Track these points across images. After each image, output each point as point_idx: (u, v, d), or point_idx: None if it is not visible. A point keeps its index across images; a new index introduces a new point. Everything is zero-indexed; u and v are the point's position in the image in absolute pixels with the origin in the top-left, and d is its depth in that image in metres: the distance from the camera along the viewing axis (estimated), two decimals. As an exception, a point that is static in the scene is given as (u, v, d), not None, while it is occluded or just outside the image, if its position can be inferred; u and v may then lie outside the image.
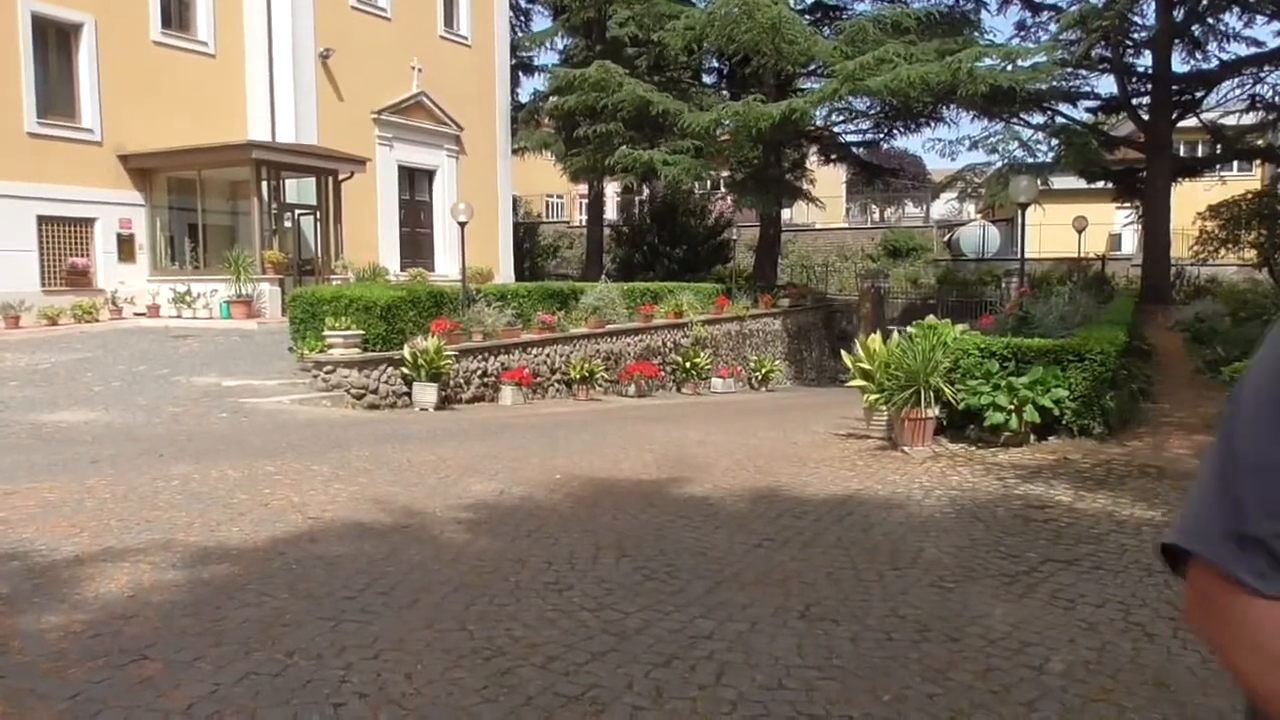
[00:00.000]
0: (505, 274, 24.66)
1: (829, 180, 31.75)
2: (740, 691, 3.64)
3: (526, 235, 32.78)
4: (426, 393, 12.63)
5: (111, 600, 4.54)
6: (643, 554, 5.45)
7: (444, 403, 12.99)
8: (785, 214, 29.21)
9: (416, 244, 23.27)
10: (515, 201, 31.81)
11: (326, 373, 12.47)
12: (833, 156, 27.15)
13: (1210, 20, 20.25)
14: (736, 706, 3.52)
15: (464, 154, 24.22)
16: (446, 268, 22.19)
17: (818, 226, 34.18)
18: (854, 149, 26.76)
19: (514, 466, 8.06)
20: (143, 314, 18.00)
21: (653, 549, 5.56)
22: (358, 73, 20.95)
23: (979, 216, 35.22)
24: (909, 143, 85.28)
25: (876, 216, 38.86)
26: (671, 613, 4.51)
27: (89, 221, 18.00)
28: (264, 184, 19.02)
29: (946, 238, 34.37)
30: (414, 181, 23.40)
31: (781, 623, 4.39)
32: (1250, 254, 22.11)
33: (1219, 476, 1.12)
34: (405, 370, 12.79)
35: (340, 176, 20.31)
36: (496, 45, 25.36)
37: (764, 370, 19.72)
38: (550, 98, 26.39)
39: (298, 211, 20.68)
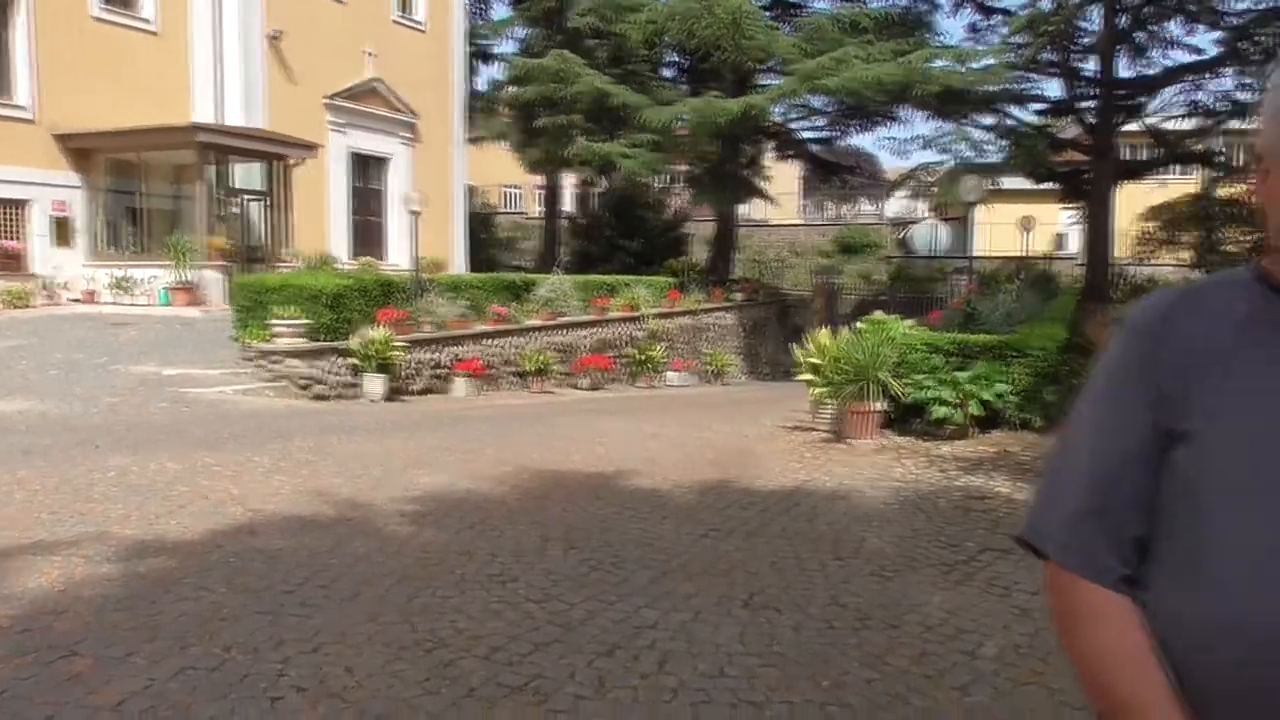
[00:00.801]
0: (459, 265, 24.46)
1: (784, 177, 31.93)
2: (682, 679, 3.66)
3: (482, 226, 32.51)
4: (375, 384, 12.49)
5: (41, 595, 4.43)
6: (590, 545, 5.45)
7: (393, 394, 12.86)
8: (741, 210, 29.33)
9: (368, 233, 22.98)
10: (471, 191, 31.55)
11: (272, 362, 12.28)
12: (789, 153, 27.31)
13: (1153, 27, 20.65)
14: (678, 694, 3.54)
15: (419, 142, 23.96)
16: (398, 257, 21.95)
17: (773, 222, 34.36)
18: (810, 146, 26.94)
19: (463, 459, 8.01)
20: (80, 300, 17.53)
21: (599, 540, 5.56)
22: (310, 56, 20.61)
23: (931, 215, 35.66)
24: (864, 141, 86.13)
25: (831, 213, 39.18)
26: (616, 603, 4.51)
27: (22, 203, 17.45)
28: (210, 168, 18.65)
29: (899, 235, 34.77)
30: (367, 169, 23.10)
31: (725, 612, 4.42)
32: (1186, 255, 22.64)
33: (1055, 470, 1.20)
34: (353, 360, 12.64)
35: (290, 162, 19.99)
36: (453, 32, 25.10)
37: (718, 364, 19.81)
38: (508, 87, 26.20)
39: (245, 197, 20.33)
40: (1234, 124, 21.50)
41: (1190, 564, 1.07)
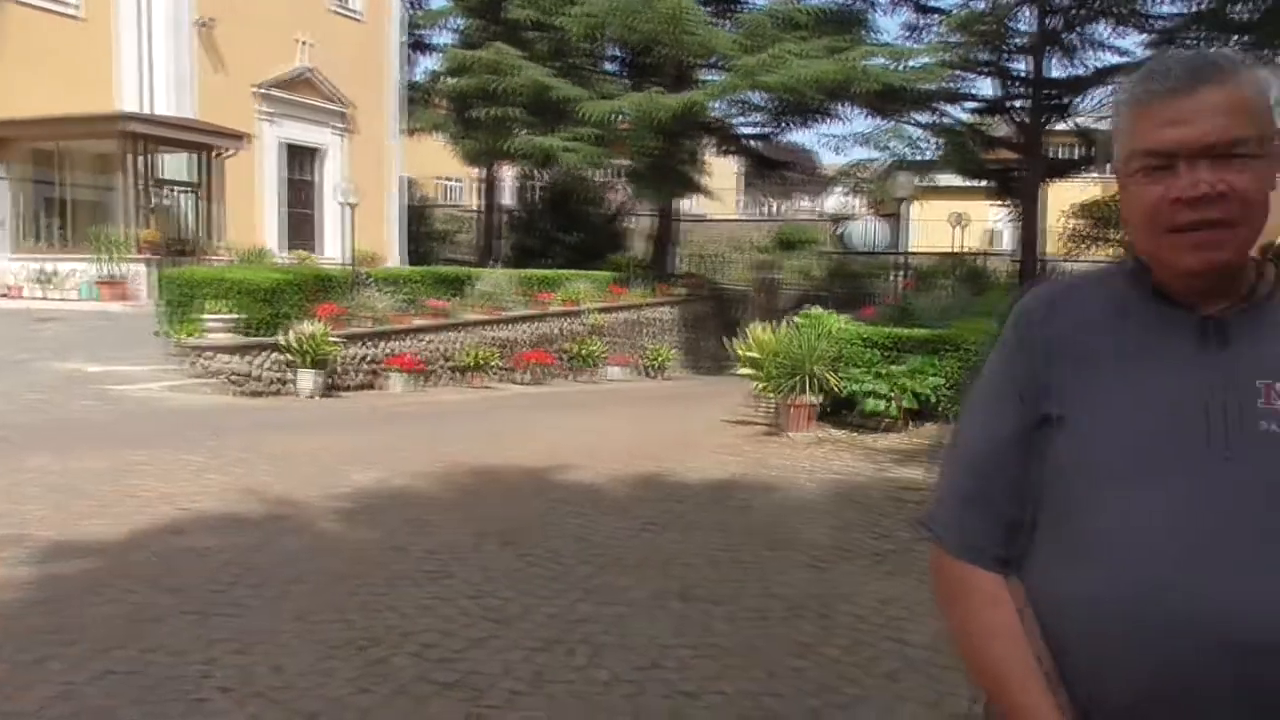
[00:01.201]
0: (395, 258, 24.15)
1: (725, 172, 32.10)
2: (616, 672, 3.67)
3: (418, 219, 32.13)
4: (310, 379, 12.28)
5: (-45, 596, 4.28)
6: (526, 541, 5.43)
7: (329, 390, 12.65)
8: (683, 204, 29.39)
9: (302, 226, 22.58)
10: (408, 184, 31.15)
11: (202, 358, 11.99)
12: (729, 149, 27.42)
13: (1083, 29, 21.19)
14: (612, 686, 3.55)
15: (354, 133, 23.59)
16: (334, 251, 21.60)
17: (713, 217, 34.52)
18: (749, 142, 27.09)
19: (398, 455, 7.92)
20: (2, 294, 16.97)
21: (536, 536, 5.54)
22: (241, 45, 20.15)
23: (867, 211, 36.14)
24: (803, 137, 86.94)
25: (770, 209, 39.50)
26: (552, 598, 4.50)
27: (-61, 195, 16.83)
28: (136, 158, 18.13)
29: (836, 231, 35.17)
30: (301, 160, 22.68)
31: (660, 604, 4.44)
32: (1114, 251, 23.32)
33: (946, 460, 1.27)
34: (287, 356, 12.39)
35: (221, 153, 19.53)
36: (389, 22, 24.74)
37: (659, 359, 19.85)
38: (445, 78, 25.88)
39: (175, 188, 19.82)
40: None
41: (1066, 543, 1.12)
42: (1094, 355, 1.15)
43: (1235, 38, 17.45)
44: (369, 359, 13.88)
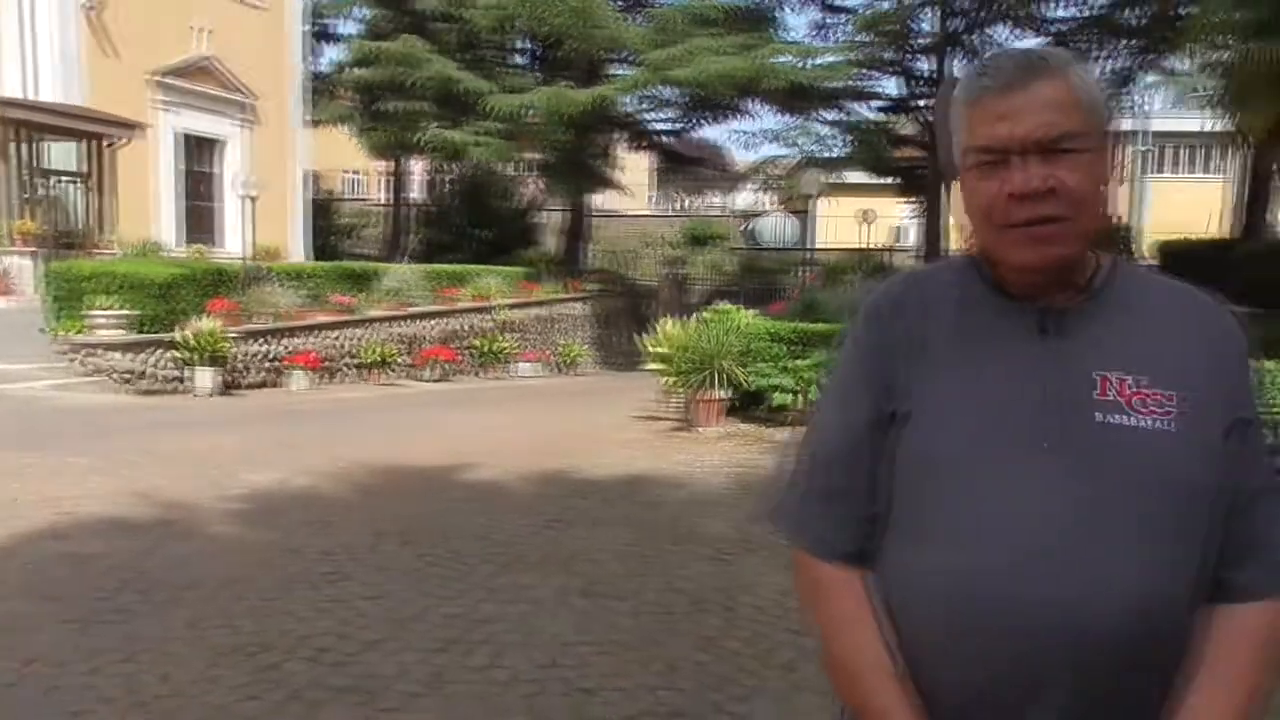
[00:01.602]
0: (299, 253, 23.49)
1: (637, 167, 32.13)
2: (516, 671, 3.63)
3: (324, 213, 31.33)
4: (205, 377, 11.87)
5: None
6: (427, 540, 5.34)
7: (225, 388, 12.26)
8: (595, 200, 29.32)
9: (201, 219, 21.77)
10: (312, 177, 30.35)
11: (89, 356, 11.48)
12: (640, 144, 27.46)
13: (983, 31, 21.85)
14: (511, 686, 3.51)
15: (256, 124, 22.84)
16: (235, 245, 20.86)
17: (625, 213, 34.52)
18: (660, 137, 27.17)
19: (296, 454, 7.72)
20: None
21: (437, 535, 5.46)
22: (134, 30, 19.32)
23: (777, 207, 36.63)
24: (713, 133, 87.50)
25: (682, 205, 39.71)
26: (452, 598, 4.43)
27: None
28: (17, 146, 17.25)
29: (747, 227, 35.56)
30: (199, 151, 21.85)
31: (563, 602, 4.41)
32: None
33: (799, 456, 1.26)
34: (183, 353, 11.97)
35: (112, 142, 18.71)
36: (291, 10, 24.02)
37: (571, 355, 19.78)
38: (351, 70, 25.27)
39: (62, 179, 18.92)
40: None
41: (913, 538, 1.14)
42: (936, 351, 1.16)
43: (1125, 41, 18.22)
44: (269, 356, 13.49)
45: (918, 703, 1.12)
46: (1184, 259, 16.02)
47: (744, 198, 39.08)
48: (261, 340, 13.41)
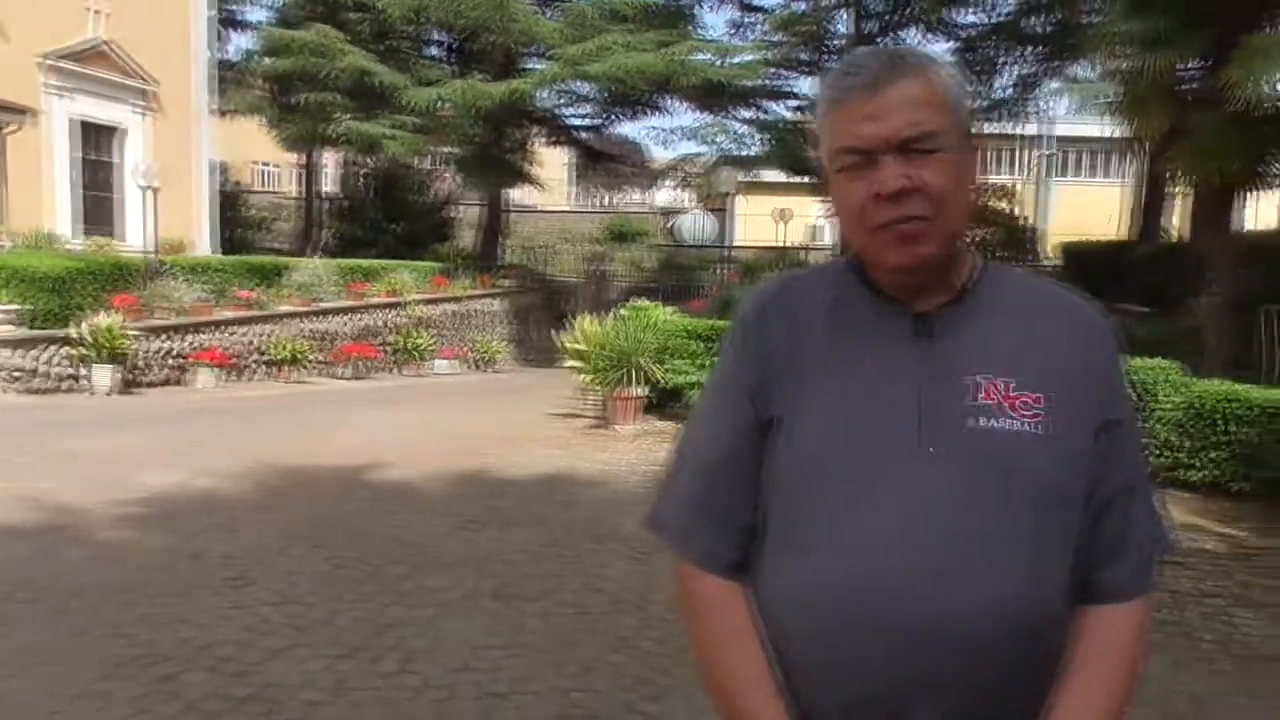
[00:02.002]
0: (205, 246, 22.70)
1: (556, 163, 31.95)
2: (426, 677, 3.56)
3: (234, 205, 30.39)
4: (104, 375, 11.39)
5: None
6: (336, 543, 5.20)
7: (126, 386, 11.78)
8: (513, 195, 29.05)
9: (100, 210, 20.86)
10: (221, 168, 29.42)
11: (-25, 353, 10.92)
12: (557, 139, 27.31)
13: (895, 34, 22.30)
14: (420, 693, 3.43)
15: (158, 112, 21.99)
16: (137, 237, 20.07)
17: (543, 208, 34.30)
18: (578, 133, 27.05)
19: (200, 455, 7.46)
20: None
21: (348, 537, 5.33)
22: (22, 11, 18.43)
23: (697, 205, 36.86)
24: (632, 130, 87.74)
25: (602, 201, 39.65)
26: (360, 602, 4.33)
27: None
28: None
29: (667, 224, 35.70)
30: (97, 139, 20.95)
31: (474, 604, 4.34)
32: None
33: (675, 462, 1.24)
34: (80, 350, 11.46)
35: (1, 128, 17.81)
36: (196, -4, 23.19)
37: (487, 351, 19.56)
38: (262, 58, 24.54)
39: (-53, 167, 17.94)
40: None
41: (788, 546, 1.12)
42: (810, 355, 1.14)
43: (1031, 48, 18.80)
44: (173, 353, 13.03)
45: (798, 718, 1.10)
46: (1084, 260, 16.64)
47: (665, 195, 39.24)
48: (165, 337, 12.93)
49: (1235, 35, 7.74)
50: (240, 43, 29.55)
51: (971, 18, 19.99)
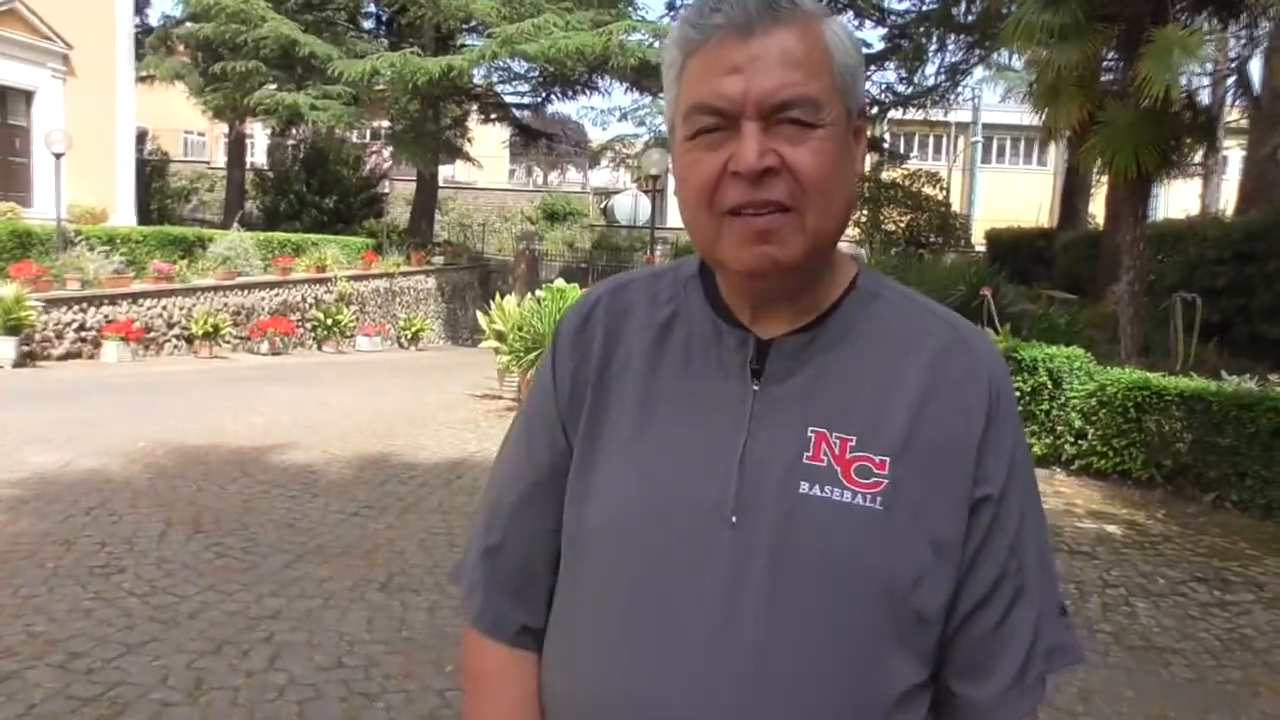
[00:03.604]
0: (125, 216, 21.90)
1: (494, 140, 31.50)
2: (293, 674, 3.37)
3: (159, 174, 29.44)
4: (3, 348, 10.89)
5: None
6: (220, 529, 4.97)
7: (26, 359, 11.28)
8: (447, 171, 28.56)
9: (10, 176, 20.00)
10: (144, 136, 28.45)
11: None
12: (493, 117, 26.91)
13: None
14: (284, 692, 3.25)
15: (74, 76, 21.13)
16: (48, 205, 19.30)
17: (479, 186, 33.86)
18: (515, 111, 26.68)
19: (92, 433, 7.11)
20: None
21: (234, 523, 5.09)
22: (-74, -34, 17.51)
23: (633, 186, 36.69)
24: (569, 109, 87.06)
25: (540, 180, 39.27)
26: (236, 592, 4.12)
27: None
28: None
29: (603, 205, 35.48)
30: (9, 103, 20.07)
31: (359, 596, 4.16)
32: (855, 231, 24.87)
33: (480, 507, 1.04)
34: (-27, 322, 10.94)
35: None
36: (115, -44, 22.28)
37: (414, 329, 19.21)
38: (185, 24, 23.71)
39: None
40: (895, 114, 23.78)
41: (561, 622, 0.93)
42: (625, 387, 0.91)
43: (958, 36, 18.95)
44: (80, 326, 12.50)
45: None
46: (1009, 247, 16.86)
47: (601, 175, 39.01)
48: (70, 308, 12.39)
49: (1145, 29, 7.82)
50: (162, 6, 28.54)
51: (903, 4, 20.11)
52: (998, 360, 0.90)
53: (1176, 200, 15.26)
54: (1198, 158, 9.51)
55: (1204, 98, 11.01)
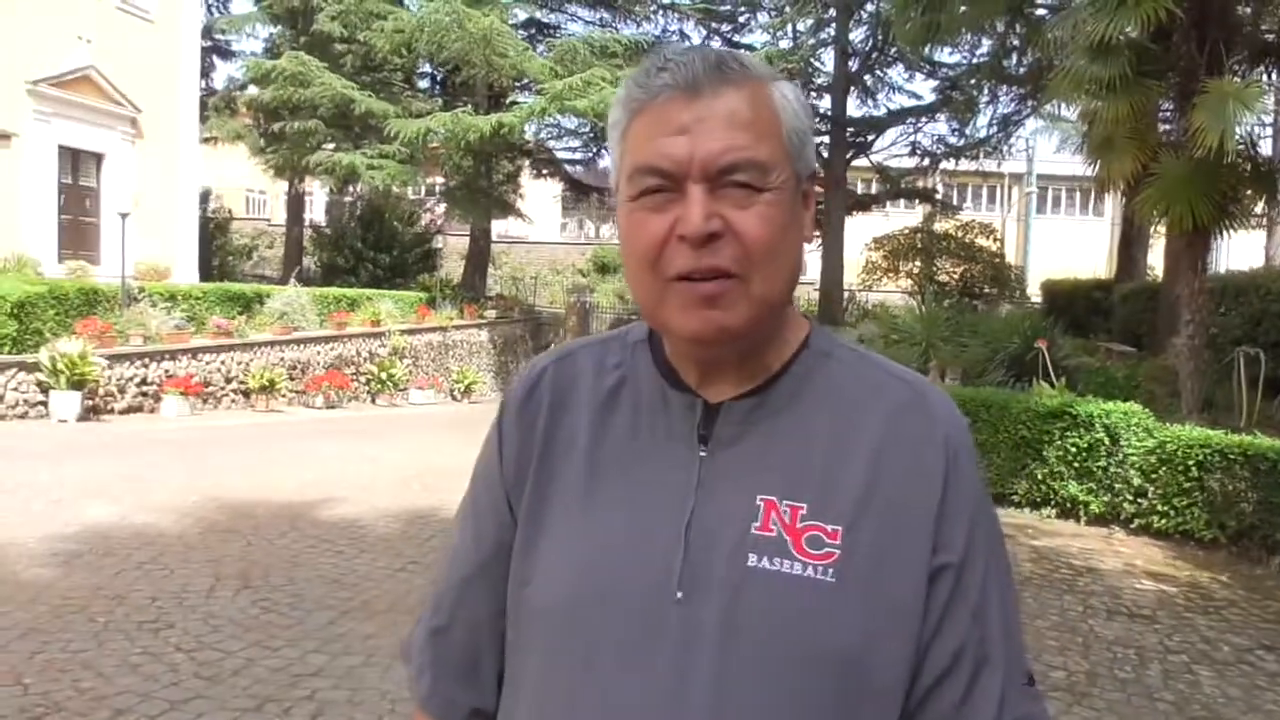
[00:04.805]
0: (188, 273, 22.58)
1: (545, 194, 32.01)
2: (333, 735, 3.36)
3: (221, 232, 30.37)
4: (67, 402, 11.19)
5: None
6: (268, 584, 5.01)
7: (90, 414, 11.58)
8: (500, 226, 29.02)
9: (81, 235, 20.74)
10: (207, 195, 29.39)
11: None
12: (545, 172, 27.38)
13: (879, 72, 22.47)
14: (323, 753, 3.24)
15: (144, 139, 21.96)
16: (115, 264, 19.97)
17: (531, 239, 34.35)
18: (566, 166, 27.12)
19: (147, 487, 7.25)
20: None
21: (281, 578, 5.13)
22: (11, 38, 18.43)
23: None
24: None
25: (591, 232, 39.72)
26: (282, 648, 4.14)
27: None
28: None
29: (653, 257, 35.71)
30: (79, 164, 20.89)
31: (400, 654, 4.15)
32: (908, 283, 24.67)
33: (433, 582, 1.01)
34: (41, 376, 11.26)
35: (-20, 153, 17.73)
36: (185, 24, 23.26)
37: (466, 382, 19.40)
38: (248, 87, 24.63)
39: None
40: (947, 164, 23.68)
41: (507, 703, 0.91)
42: (569, 461, 0.89)
43: (1011, 88, 18.92)
44: (141, 380, 12.82)
45: None
46: (1066, 298, 16.59)
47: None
48: (133, 363, 12.72)
49: (1199, 80, 7.72)
50: (227, 71, 29.68)
51: (954, 58, 20.14)
52: (956, 419, 0.87)
53: (1239, 252, 14.98)
54: (1258, 209, 9.30)
55: (1265, 148, 10.79)
